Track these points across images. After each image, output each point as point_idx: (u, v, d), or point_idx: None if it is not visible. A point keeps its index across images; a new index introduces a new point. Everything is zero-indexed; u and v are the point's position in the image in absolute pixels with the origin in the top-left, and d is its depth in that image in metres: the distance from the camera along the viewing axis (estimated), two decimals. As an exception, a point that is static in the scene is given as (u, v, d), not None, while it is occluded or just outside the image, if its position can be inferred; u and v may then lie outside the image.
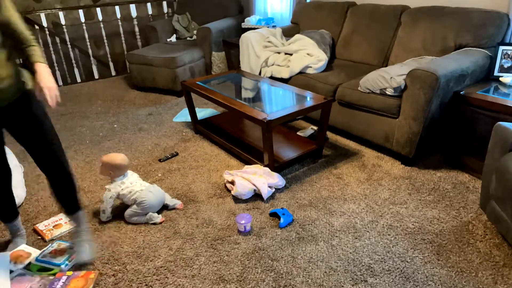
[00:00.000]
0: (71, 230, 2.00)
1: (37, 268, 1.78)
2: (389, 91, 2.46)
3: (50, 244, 1.89)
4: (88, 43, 4.78)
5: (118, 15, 4.79)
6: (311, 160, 2.69)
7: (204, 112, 3.62)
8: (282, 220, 2.02)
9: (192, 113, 3.12)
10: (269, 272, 1.73)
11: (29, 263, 1.81)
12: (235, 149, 2.72)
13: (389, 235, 1.94)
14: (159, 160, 2.75)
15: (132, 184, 2.14)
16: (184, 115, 3.56)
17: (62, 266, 1.78)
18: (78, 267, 1.81)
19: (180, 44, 4.42)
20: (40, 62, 1.50)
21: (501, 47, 2.51)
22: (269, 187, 2.28)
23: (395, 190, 2.31)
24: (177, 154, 2.83)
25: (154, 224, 2.09)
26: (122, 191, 2.10)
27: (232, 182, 2.31)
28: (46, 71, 1.49)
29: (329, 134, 3.09)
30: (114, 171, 2.12)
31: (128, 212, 2.10)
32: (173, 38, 4.72)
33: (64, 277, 1.70)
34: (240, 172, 2.36)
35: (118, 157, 2.12)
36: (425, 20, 2.84)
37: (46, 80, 1.46)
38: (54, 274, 1.75)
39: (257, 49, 3.42)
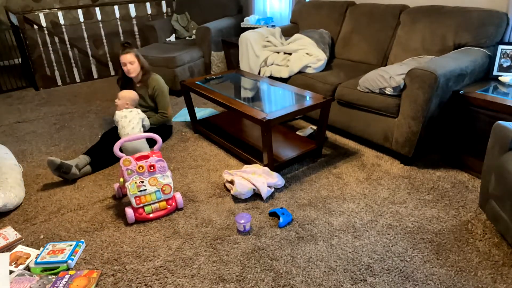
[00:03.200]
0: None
1: (40, 270, 1.78)
2: (388, 91, 2.46)
3: (42, 249, 1.87)
4: (87, 43, 4.77)
5: (117, 15, 4.78)
6: (310, 160, 2.69)
7: (203, 111, 3.62)
8: (281, 219, 2.02)
9: (192, 113, 3.12)
10: (268, 272, 1.73)
11: (28, 267, 1.81)
12: (235, 148, 2.72)
13: (388, 234, 1.94)
14: None
15: (130, 121, 2.52)
16: (183, 115, 3.55)
17: (69, 261, 1.79)
18: (80, 265, 1.81)
19: (179, 44, 4.41)
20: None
21: (500, 47, 2.51)
22: (269, 186, 2.28)
23: (395, 189, 2.31)
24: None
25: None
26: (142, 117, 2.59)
27: (232, 182, 2.31)
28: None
29: (329, 134, 3.09)
30: (130, 103, 2.66)
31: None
32: (172, 38, 4.72)
33: (67, 276, 1.70)
34: (240, 171, 2.36)
35: (134, 93, 2.69)
36: (424, 19, 2.84)
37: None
38: (56, 274, 1.75)
39: (256, 49, 3.42)
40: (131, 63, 2.75)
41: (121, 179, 2.15)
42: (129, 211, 2.08)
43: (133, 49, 2.79)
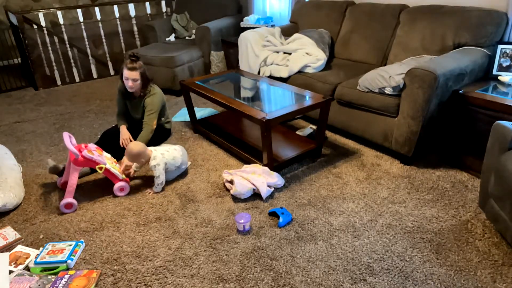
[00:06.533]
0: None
1: (39, 270, 1.77)
2: (388, 90, 2.46)
3: (42, 248, 1.87)
4: (87, 43, 4.77)
5: (117, 15, 4.78)
6: (310, 159, 2.69)
7: (203, 111, 3.62)
8: (281, 219, 2.02)
9: (191, 113, 3.12)
10: (268, 272, 1.73)
11: (28, 267, 1.80)
12: (234, 148, 2.72)
13: (388, 234, 1.94)
14: None
15: (169, 152, 2.43)
16: (183, 115, 3.55)
17: (69, 261, 1.78)
18: (80, 265, 1.81)
19: (179, 44, 4.41)
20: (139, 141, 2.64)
21: (500, 46, 2.51)
22: (268, 186, 2.28)
23: (394, 189, 2.31)
24: None
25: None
26: (167, 160, 2.39)
27: (231, 182, 2.31)
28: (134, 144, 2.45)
29: (328, 133, 3.09)
30: (144, 157, 2.38)
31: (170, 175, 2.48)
32: (171, 38, 4.71)
33: (67, 276, 1.70)
34: (239, 171, 2.36)
35: (138, 146, 2.36)
36: (424, 19, 2.84)
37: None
38: (56, 274, 1.75)
39: (256, 49, 3.41)
40: (134, 80, 2.67)
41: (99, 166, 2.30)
42: (123, 184, 2.34)
43: (139, 64, 2.67)
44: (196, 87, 2.90)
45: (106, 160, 2.32)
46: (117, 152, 2.67)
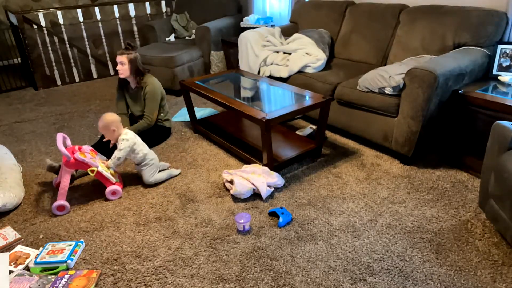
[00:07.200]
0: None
1: (39, 270, 1.77)
2: (388, 90, 2.46)
3: (42, 248, 1.87)
4: (87, 43, 4.77)
5: (117, 14, 4.78)
6: (310, 159, 2.69)
7: (203, 111, 3.62)
8: (281, 219, 2.02)
9: (191, 113, 3.12)
10: (268, 272, 1.73)
11: (28, 267, 1.80)
12: (234, 148, 2.72)
13: (388, 234, 1.94)
14: None
15: (142, 143, 2.41)
16: (183, 115, 3.55)
17: (69, 261, 1.79)
18: (80, 265, 1.81)
19: (179, 44, 4.41)
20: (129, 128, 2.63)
21: (500, 46, 2.51)
22: (268, 186, 2.28)
23: (394, 189, 2.31)
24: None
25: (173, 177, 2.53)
26: (137, 142, 2.36)
27: (231, 182, 2.31)
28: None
29: (328, 133, 3.09)
30: (118, 127, 2.32)
31: (147, 175, 2.39)
32: (171, 38, 4.71)
33: (66, 276, 1.70)
34: (239, 171, 2.36)
35: (111, 115, 2.33)
36: (423, 19, 2.84)
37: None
38: (56, 274, 1.75)
39: (256, 49, 3.42)
40: (121, 63, 2.77)
41: (91, 169, 2.24)
42: (115, 188, 2.30)
43: (129, 51, 2.76)
44: (196, 87, 2.90)
45: (99, 163, 2.30)
46: None
